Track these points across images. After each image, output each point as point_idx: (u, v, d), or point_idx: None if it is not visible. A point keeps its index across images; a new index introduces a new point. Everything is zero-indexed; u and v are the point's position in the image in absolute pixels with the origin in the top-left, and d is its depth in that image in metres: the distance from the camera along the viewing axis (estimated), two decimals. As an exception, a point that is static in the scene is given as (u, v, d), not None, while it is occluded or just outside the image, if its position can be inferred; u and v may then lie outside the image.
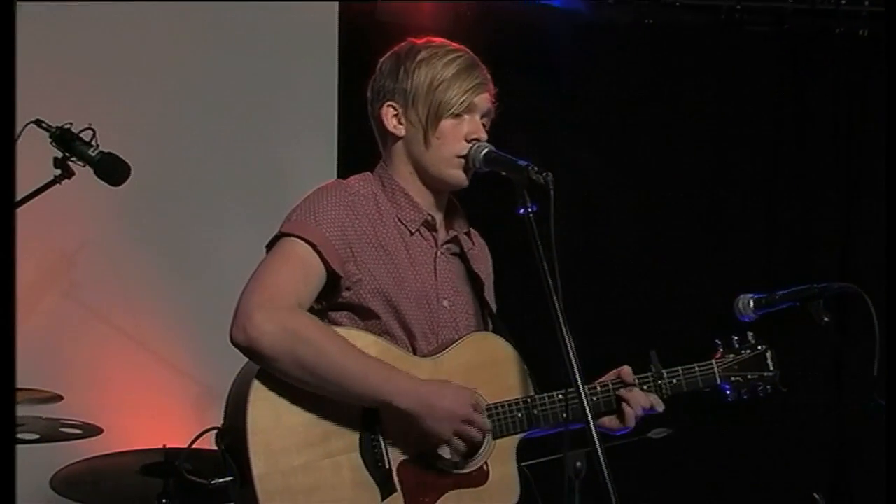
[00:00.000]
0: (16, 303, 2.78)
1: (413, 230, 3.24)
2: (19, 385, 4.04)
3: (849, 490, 5.84)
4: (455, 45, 3.29)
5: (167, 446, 4.16)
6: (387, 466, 3.05)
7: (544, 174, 2.98)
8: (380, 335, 3.13)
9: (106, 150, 3.97)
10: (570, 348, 2.85)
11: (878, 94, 5.94)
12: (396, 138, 3.27)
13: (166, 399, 5.11)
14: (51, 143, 3.97)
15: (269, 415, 2.99)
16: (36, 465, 4.24)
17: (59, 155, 3.96)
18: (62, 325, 5.03)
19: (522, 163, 3.02)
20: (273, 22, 5.40)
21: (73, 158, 3.96)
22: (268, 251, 3.16)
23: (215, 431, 3.09)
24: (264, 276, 3.07)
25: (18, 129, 3.95)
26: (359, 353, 3.03)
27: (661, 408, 3.29)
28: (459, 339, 3.20)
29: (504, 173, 3.09)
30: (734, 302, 3.48)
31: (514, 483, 3.18)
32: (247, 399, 2.99)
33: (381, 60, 3.32)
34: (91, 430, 4.13)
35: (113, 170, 3.99)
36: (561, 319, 2.86)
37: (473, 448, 3.11)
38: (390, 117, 3.26)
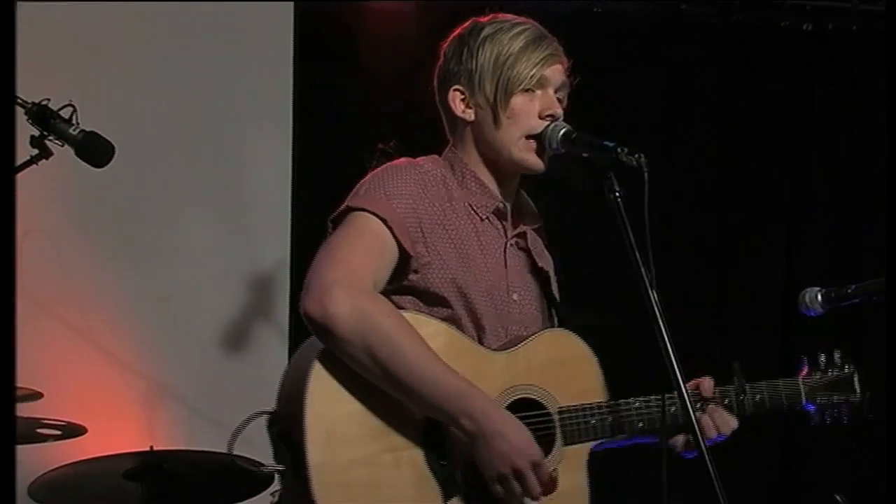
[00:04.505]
0: (16, 301, 2.47)
1: (483, 216, 3.04)
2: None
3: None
4: (521, 17, 3.08)
5: (154, 448, 3.93)
6: (450, 467, 2.84)
7: (637, 156, 2.82)
8: (448, 324, 2.91)
9: (88, 129, 3.69)
10: (668, 343, 2.69)
11: (823, 88, 6.03)
12: (465, 123, 3.06)
13: (114, 396, 4.86)
14: (27, 121, 3.67)
15: (329, 401, 2.76)
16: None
17: (36, 133, 3.67)
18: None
19: (610, 143, 2.85)
20: (230, 13, 5.20)
21: (52, 137, 3.67)
22: (333, 225, 2.93)
23: (266, 416, 2.83)
24: (338, 250, 2.83)
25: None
26: (435, 357, 2.79)
27: (728, 431, 3.06)
28: (533, 334, 3.00)
29: (586, 155, 2.92)
30: (799, 295, 3.33)
31: (584, 495, 2.98)
32: (306, 382, 2.75)
33: (445, 45, 3.12)
34: (74, 431, 3.83)
35: (96, 150, 3.70)
36: (657, 312, 2.70)
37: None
38: (458, 102, 3.05)
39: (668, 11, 5.95)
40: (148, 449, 3.95)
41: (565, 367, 2.98)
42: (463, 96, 3.05)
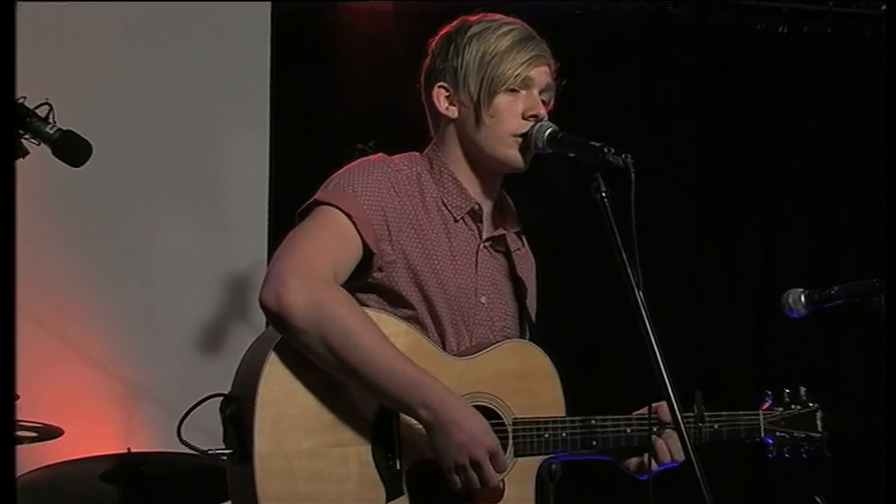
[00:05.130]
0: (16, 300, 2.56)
1: (458, 217, 3.03)
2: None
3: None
4: (510, 18, 3.08)
5: (131, 450, 3.91)
6: (397, 467, 2.84)
7: (623, 156, 2.81)
8: (410, 323, 2.91)
9: (65, 128, 3.65)
10: (655, 346, 2.67)
11: (799, 90, 6.06)
12: (448, 121, 3.06)
13: (90, 398, 4.82)
14: (3, 119, 3.63)
15: (281, 389, 2.77)
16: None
17: (13, 132, 3.63)
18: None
19: (596, 144, 2.84)
20: (207, 13, 5.17)
21: (28, 136, 3.63)
22: (300, 218, 2.94)
23: (220, 398, 2.86)
24: (300, 241, 2.85)
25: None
26: (391, 347, 2.79)
27: (680, 458, 3.00)
28: (497, 342, 2.99)
29: (572, 155, 2.90)
30: (782, 297, 3.33)
31: None
32: (261, 369, 2.76)
33: (433, 42, 3.11)
34: (50, 433, 3.79)
35: (73, 149, 3.66)
36: (644, 315, 2.68)
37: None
38: (442, 99, 3.05)
39: (646, 13, 5.95)
40: (125, 451, 3.92)
41: (524, 379, 2.96)
42: (447, 93, 3.04)
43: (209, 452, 2.82)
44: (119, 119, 4.96)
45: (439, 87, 3.04)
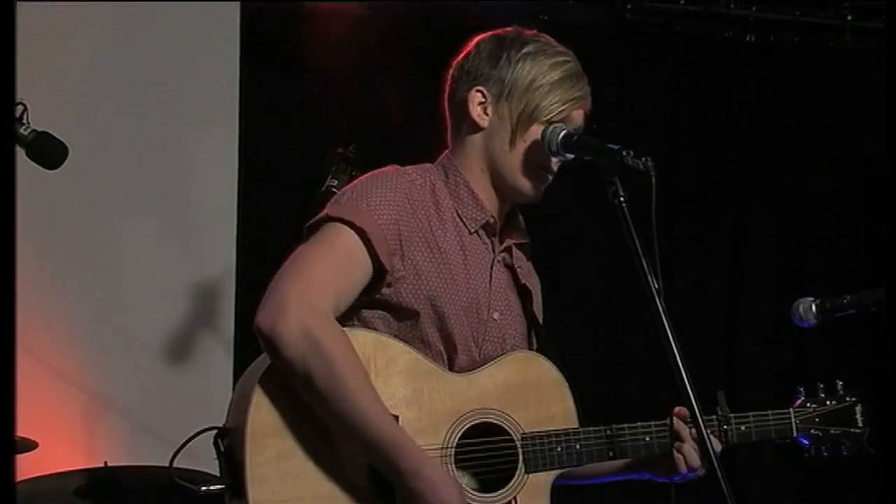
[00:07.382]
0: (16, 301, 2.44)
1: (472, 229, 2.93)
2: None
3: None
4: (563, 47, 3.00)
5: (108, 463, 3.78)
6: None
7: (643, 159, 2.74)
8: (413, 340, 2.82)
9: (40, 129, 3.53)
10: (676, 353, 2.63)
11: (767, 98, 6.06)
12: (476, 128, 2.95)
13: (57, 411, 4.67)
14: (-25, 120, 3.50)
15: (272, 420, 2.67)
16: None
17: (-17, 133, 3.50)
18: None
19: (614, 146, 2.77)
20: (174, 14, 5.06)
21: (1, 137, 3.50)
22: (308, 233, 2.83)
23: (214, 431, 2.76)
24: (305, 264, 2.74)
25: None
26: (375, 400, 2.68)
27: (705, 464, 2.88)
28: (500, 356, 2.89)
29: (587, 158, 2.83)
30: (792, 306, 3.24)
31: None
32: (249, 400, 2.67)
33: (480, 40, 2.98)
34: (25, 446, 3.65)
35: (49, 151, 3.56)
36: (665, 322, 2.64)
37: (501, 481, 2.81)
38: (476, 104, 2.93)
39: (613, 21, 5.91)
40: (101, 465, 3.84)
41: (531, 391, 2.87)
42: (483, 100, 2.93)
43: (202, 490, 2.75)
44: (85, 122, 4.82)
45: (477, 90, 2.93)
